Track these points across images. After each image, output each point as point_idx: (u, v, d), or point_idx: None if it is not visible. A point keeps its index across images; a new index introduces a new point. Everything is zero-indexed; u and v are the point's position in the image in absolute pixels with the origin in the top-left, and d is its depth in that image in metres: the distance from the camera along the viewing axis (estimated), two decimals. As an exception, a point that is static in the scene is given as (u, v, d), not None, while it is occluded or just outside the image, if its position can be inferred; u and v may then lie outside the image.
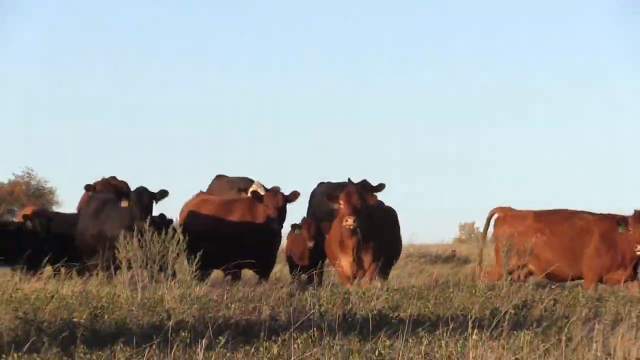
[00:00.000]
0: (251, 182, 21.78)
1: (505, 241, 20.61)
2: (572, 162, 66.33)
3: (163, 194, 19.90)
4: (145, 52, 70.63)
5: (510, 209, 21.35)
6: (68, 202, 27.15)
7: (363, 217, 18.92)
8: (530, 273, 20.79)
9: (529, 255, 20.52)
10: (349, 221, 18.61)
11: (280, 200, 20.09)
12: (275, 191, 20.40)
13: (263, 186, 21.60)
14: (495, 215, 21.43)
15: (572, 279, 20.61)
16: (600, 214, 20.71)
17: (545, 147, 65.88)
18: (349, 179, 23.23)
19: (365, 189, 23.11)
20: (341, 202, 19.00)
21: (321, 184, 24.04)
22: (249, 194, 21.20)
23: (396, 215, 21.28)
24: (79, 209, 21.20)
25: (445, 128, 70.64)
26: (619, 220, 20.09)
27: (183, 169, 48.09)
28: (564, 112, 72.55)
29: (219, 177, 22.86)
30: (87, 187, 20.38)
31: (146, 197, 19.53)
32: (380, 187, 23.39)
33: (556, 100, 71.96)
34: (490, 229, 21.56)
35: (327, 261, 20.48)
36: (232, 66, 70.86)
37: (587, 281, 20.22)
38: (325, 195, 22.72)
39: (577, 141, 69.42)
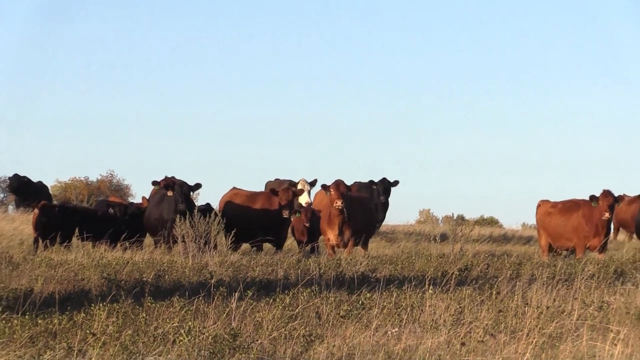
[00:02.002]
0: (293, 182, 21.55)
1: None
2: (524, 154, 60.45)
3: (197, 186, 19.97)
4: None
5: (547, 201, 20.60)
6: (140, 194, 27.34)
7: (347, 201, 19.02)
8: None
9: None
10: (338, 203, 18.79)
11: (290, 194, 19.90)
12: (286, 188, 20.13)
13: (307, 182, 21.66)
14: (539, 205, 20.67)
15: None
16: (584, 199, 19.85)
17: (502, 141, 60.63)
18: (371, 180, 23.98)
19: (388, 183, 23.86)
20: (332, 190, 19.06)
21: (369, 182, 24.12)
22: (299, 188, 21.13)
23: (371, 203, 21.35)
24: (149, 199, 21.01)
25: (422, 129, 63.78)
26: (592, 197, 19.34)
27: (219, 169, 47.23)
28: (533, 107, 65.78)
29: (275, 179, 22.48)
30: (154, 183, 19.97)
31: (185, 188, 19.42)
32: (396, 182, 24.09)
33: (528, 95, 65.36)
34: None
35: (322, 237, 20.22)
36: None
37: (579, 249, 19.64)
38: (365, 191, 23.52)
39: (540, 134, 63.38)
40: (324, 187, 19.69)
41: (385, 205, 24.43)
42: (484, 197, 49.84)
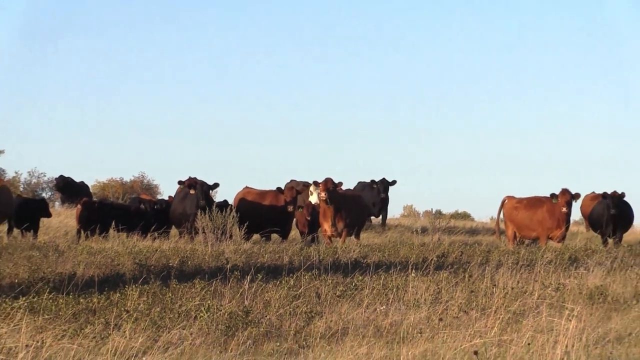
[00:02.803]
0: (308, 183, 21.18)
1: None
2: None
3: (215, 185, 19.97)
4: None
5: (512, 197, 20.28)
6: (167, 192, 27.37)
7: (333, 194, 18.92)
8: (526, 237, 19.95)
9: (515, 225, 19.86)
10: (322, 195, 18.84)
11: (294, 193, 19.69)
12: (290, 187, 19.97)
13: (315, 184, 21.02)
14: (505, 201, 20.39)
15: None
16: (545, 196, 19.69)
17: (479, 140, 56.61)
18: (372, 180, 23.91)
19: (386, 183, 23.71)
20: (320, 185, 19.09)
21: (371, 181, 24.02)
22: (310, 189, 21.07)
23: (362, 200, 21.15)
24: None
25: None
26: (552, 195, 19.28)
27: (233, 170, 47.13)
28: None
29: (292, 181, 22.16)
30: (179, 183, 19.83)
31: (205, 187, 19.36)
32: (394, 182, 23.96)
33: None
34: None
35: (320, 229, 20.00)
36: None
37: (543, 238, 19.49)
38: (367, 190, 23.63)
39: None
40: (315, 183, 19.75)
41: (385, 202, 24.26)
42: (458, 194, 49.85)
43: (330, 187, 19.01)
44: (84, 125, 50.88)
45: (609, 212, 19.97)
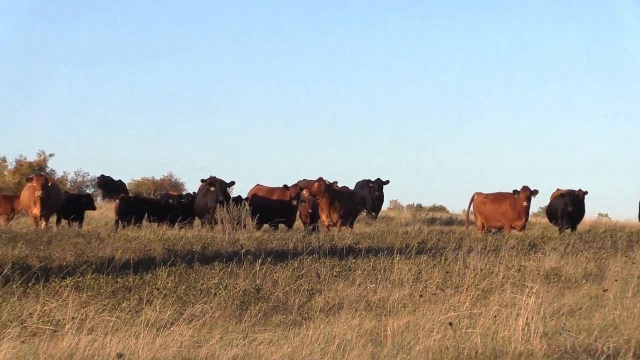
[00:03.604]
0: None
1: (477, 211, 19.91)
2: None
3: (232, 183, 19.87)
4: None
5: (480, 193, 20.06)
6: (191, 189, 27.40)
7: (327, 191, 18.88)
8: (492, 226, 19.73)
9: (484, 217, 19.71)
10: (305, 193, 18.92)
11: (297, 189, 19.66)
12: (295, 185, 19.92)
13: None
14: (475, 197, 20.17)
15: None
16: (509, 192, 19.52)
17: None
18: (368, 179, 23.64)
19: (380, 182, 23.42)
20: (315, 184, 19.03)
21: (367, 181, 23.73)
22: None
23: (356, 195, 21.09)
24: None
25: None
26: (514, 191, 19.15)
27: (247, 170, 47.14)
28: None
29: (304, 179, 21.33)
30: (202, 181, 19.86)
31: (223, 185, 19.38)
32: (387, 181, 23.75)
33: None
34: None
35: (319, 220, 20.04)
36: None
37: (506, 228, 19.29)
38: (363, 188, 23.39)
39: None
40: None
41: (380, 198, 24.02)
42: (436, 189, 49.73)
43: (323, 185, 18.97)
44: (122, 132, 51.00)
45: (566, 209, 19.87)
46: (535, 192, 19.35)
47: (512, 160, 47.92)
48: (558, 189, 20.74)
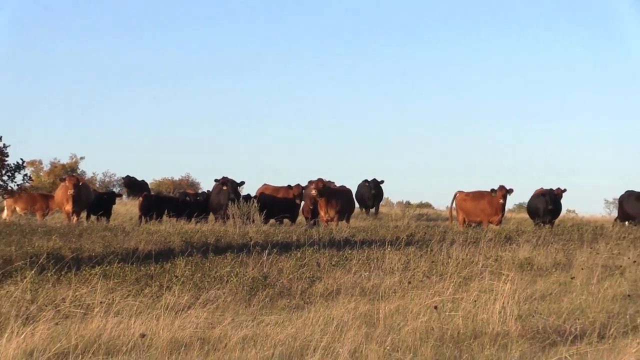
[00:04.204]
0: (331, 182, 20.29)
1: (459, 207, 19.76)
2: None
3: (242, 182, 19.79)
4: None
5: (461, 191, 19.93)
6: (206, 188, 27.26)
7: (324, 191, 18.78)
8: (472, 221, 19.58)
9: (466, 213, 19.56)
10: (314, 192, 18.73)
11: (300, 188, 19.63)
12: (297, 185, 19.79)
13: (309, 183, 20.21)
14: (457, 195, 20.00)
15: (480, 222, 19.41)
16: (487, 191, 19.45)
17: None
18: (365, 180, 23.25)
19: (377, 182, 23.13)
20: (313, 185, 18.89)
21: (364, 180, 23.34)
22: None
23: (352, 193, 20.85)
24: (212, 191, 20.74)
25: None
26: (492, 190, 19.08)
27: (256, 170, 47.21)
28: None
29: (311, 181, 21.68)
30: (215, 180, 19.81)
31: (234, 184, 19.35)
32: (382, 181, 23.38)
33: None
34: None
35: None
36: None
37: (485, 222, 19.14)
38: (362, 187, 23.04)
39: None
40: (310, 182, 19.44)
41: (376, 196, 23.68)
42: (423, 188, 49.68)
43: (320, 186, 18.93)
44: (145, 137, 51.10)
45: (547, 206, 19.75)
46: (510, 191, 19.24)
47: (490, 162, 47.94)
48: (541, 188, 20.59)
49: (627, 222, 20.32)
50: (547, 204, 19.79)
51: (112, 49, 53.06)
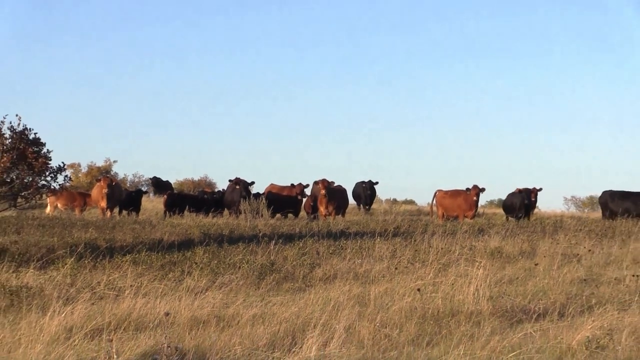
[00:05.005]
0: (326, 181, 19.61)
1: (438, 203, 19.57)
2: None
3: (252, 183, 19.71)
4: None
5: (441, 190, 19.78)
6: (221, 187, 27.13)
7: (329, 190, 18.93)
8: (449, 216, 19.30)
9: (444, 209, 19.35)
10: (323, 192, 18.80)
11: (302, 188, 19.59)
12: (300, 184, 19.73)
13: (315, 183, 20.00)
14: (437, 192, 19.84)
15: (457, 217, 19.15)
16: (463, 189, 19.16)
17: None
18: (362, 181, 22.60)
19: (372, 183, 22.50)
20: (320, 184, 18.97)
21: (361, 182, 22.72)
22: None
23: (347, 192, 20.83)
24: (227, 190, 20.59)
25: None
26: (467, 189, 18.99)
27: (264, 172, 47.13)
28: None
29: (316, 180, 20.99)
30: (230, 181, 19.71)
31: (246, 184, 19.29)
32: (376, 182, 22.84)
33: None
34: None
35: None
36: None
37: (461, 216, 18.99)
38: (358, 188, 22.50)
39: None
40: (316, 182, 19.40)
41: (371, 196, 23.15)
42: (408, 187, 49.57)
43: (327, 186, 18.96)
44: (169, 143, 51.14)
45: (524, 203, 19.62)
46: (483, 190, 19.18)
47: (466, 164, 47.53)
48: (518, 188, 20.56)
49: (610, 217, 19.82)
50: (523, 200, 19.68)
51: (148, 68, 52.77)
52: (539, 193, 19.98)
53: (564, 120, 52.97)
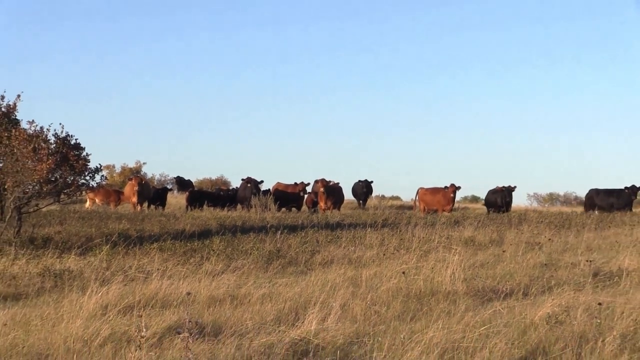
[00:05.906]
0: (325, 180, 19.37)
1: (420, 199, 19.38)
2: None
3: (261, 181, 19.55)
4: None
5: (423, 187, 19.57)
6: (235, 184, 27.01)
7: (327, 188, 18.81)
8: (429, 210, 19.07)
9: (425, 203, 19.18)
10: (322, 189, 18.69)
11: (304, 186, 19.49)
12: (301, 183, 19.60)
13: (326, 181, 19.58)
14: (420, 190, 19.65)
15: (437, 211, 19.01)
16: (442, 187, 18.94)
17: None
18: (359, 180, 22.16)
19: (368, 182, 22.06)
20: (320, 183, 18.89)
21: (358, 181, 22.31)
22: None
23: (342, 189, 20.52)
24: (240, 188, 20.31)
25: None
26: (445, 187, 18.93)
27: (271, 172, 46.91)
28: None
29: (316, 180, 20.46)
30: (242, 180, 19.53)
31: (256, 182, 19.17)
32: (372, 181, 22.30)
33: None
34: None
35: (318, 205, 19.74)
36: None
37: (440, 210, 18.88)
38: (357, 186, 22.03)
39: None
40: (316, 181, 19.33)
41: (367, 193, 22.79)
42: (394, 185, 49.36)
43: (326, 184, 18.92)
44: (191, 147, 50.93)
45: (505, 199, 19.61)
46: (459, 188, 19.12)
47: (444, 165, 46.92)
48: (497, 185, 20.32)
49: (596, 211, 19.55)
50: (504, 197, 19.72)
51: (181, 84, 51.68)
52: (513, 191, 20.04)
53: (529, 126, 50.99)
